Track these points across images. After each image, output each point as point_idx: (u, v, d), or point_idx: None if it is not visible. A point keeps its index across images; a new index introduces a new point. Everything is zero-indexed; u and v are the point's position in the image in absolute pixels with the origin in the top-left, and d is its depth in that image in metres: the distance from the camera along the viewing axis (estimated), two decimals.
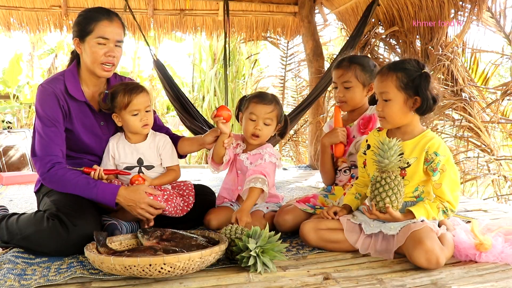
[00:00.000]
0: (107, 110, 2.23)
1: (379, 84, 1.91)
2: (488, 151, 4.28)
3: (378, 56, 5.13)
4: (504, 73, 7.71)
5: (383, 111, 1.90)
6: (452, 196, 1.84)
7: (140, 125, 2.21)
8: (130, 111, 2.18)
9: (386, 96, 1.88)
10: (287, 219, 2.20)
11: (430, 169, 1.84)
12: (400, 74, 1.86)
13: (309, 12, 5.49)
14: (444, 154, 1.85)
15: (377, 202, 1.82)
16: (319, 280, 1.61)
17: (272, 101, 2.35)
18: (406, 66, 1.88)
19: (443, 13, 4.27)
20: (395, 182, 1.79)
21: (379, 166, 1.83)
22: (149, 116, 2.23)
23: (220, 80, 9.03)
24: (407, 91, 1.86)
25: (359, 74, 2.30)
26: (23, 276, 1.68)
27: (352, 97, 2.33)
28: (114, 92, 2.19)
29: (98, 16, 2.14)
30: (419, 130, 1.93)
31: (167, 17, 5.63)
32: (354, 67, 2.31)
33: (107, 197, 2.05)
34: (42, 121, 2.12)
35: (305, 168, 5.58)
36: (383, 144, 1.79)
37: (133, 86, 2.22)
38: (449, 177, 1.83)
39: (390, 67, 1.90)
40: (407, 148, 1.89)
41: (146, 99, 2.21)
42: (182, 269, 1.57)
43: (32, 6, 5.19)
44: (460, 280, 1.58)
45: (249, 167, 2.35)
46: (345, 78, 2.32)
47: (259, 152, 2.37)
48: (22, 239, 1.97)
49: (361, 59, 2.36)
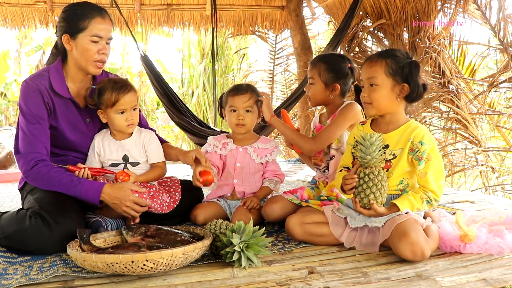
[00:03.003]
0: (93, 106, 2.20)
1: (367, 70, 1.90)
2: (476, 142, 4.31)
3: (366, 49, 5.14)
4: (492, 65, 7.76)
5: (369, 96, 1.89)
6: (437, 185, 1.84)
7: (125, 124, 2.19)
8: (117, 109, 2.15)
9: (374, 81, 1.88)
10: (274, 208, 2.20)
11: (416, 159, 1.84)
12: (389, 61, 1.87)
13: (297, 5, 5.48)
14: (430, 143, 1.84)
15: (361, 198, 1.81)
16: (304, 274, 1.61)
17: (247, 90, 2.39)
18: (396, 53, 1.90)
19: (430, 5, 4.28)
20: (379, 177, 1.79)
21: (361, 162, 1.82)
22: (135, 116, 2.21)
23: (209, 75, 9.00)
24: (395, 77, 1.86)
25: (323, 73, 2.29)
26: (4, 275, 1.65)
27: (313, 95, 2.34)
28: (101, 89, 2.16)
29: (91, 12, 2.10)
30: (404, 120, 1.93)
31: (154, 12, 5.59)
32: (319, 65, 2.30)
33: (91, 195, 2.03)
34: (26, 118, 2.08)
35: (295, 162, 5.57)
36: (365, 139, 1.79)
37: (121, 84, 2.18)
38: (434, 166, 1.84)
39: (380, 54, 1.91)
40: (392, 139, 1.89)
41: (133, 99, 2.19)
42: (165, 266, 1.56)
43: (16, 1, 5.12)
44: (444, 271, 1.58)
45: (256, 161, 2.39)
46: (310, 75, 2.33)
47: (266, 147, 2.41)
48: (4, 238, 1.94)
49: (329, 57, 2.36)
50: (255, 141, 2.44)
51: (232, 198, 2.42)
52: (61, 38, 2.14)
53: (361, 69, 1.96)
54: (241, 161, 2.40)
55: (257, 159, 2.39)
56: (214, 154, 2.44)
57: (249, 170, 2.40)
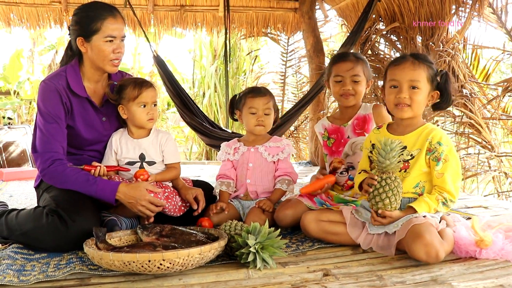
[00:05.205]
0: (114, 101, 2.23)
1: (409, 72, 1.89)
2: (489, 147, 4.27)
3: (378, 52, 5.11)
4: (506, 70, 7.69)
5: (411, 98, 1.89)
6: (454, 186, 1.84)
7: (146, 118, 2.22)
8: (139, 102, 2.19)
9: (417, 84, 1.89)
10: (287, 214, 2.19)
11: (434, 159, 1.85)
12: (427, 67, 1.91)
13: (310, 8, 5.47)
14: (447, 144, 1.86)
15: (376, 202, 1.81)
16: (319, 276, 1.61)
17: (266, 93, 2.43)
18: (430, 61, 1.94)
19: (444, 9, 4.25)
20: (395, 183, 1.79)
21: (379, 167, 1.82)
22: (155, 111, 2.26)
23: (221, 76, 9.00)
24: (432, 84, 1.92)
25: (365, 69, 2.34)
26: (22, 272, 1.67)
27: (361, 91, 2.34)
28: (123, 84, 2.22)
29: (102, 13, 2.12)
30: (421, 123, 1.95)
31: (167, 13, 5.61)
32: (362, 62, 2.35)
33: (106, 193, 2.04)
34: (44, 117, 2.11)
35: (306, 164, 5.57)
36: (385, 145, 1.78)
37: (143, 80, 2.28)
38: (451, 167, 1.84)
39: (420, 58, 1.92)
40: (409, 140, 1.91)
41: (154, 94, 2.25)
42: (181, 265, 1.57)
43: (32, 2, 5.18)
44: (460, 276, 1.58)
45: (268, 159, 2.40)
46: (354, 72, 2.32)
47: (278, 145, 2.42)
48: (21, 235, 1.97)
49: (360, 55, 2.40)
50: (266, 141, 2.45)
51: (246, 199, 2.43)
52: (75, 41, 2.17)
53: (396, 70, 1.93)
54: (253, 161, 2.41)
55: (269, 158, 2.40)
56: (228, 162, 2.47)
57: (262, 169, 2.41)
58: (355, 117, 2.36)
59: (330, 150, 2.43)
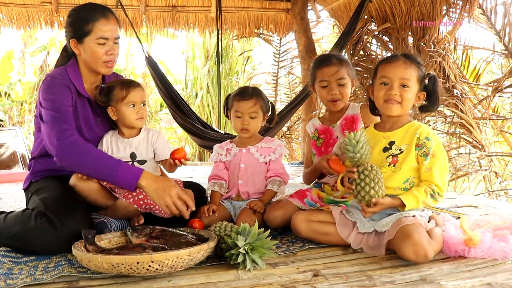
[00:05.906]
0: (102, 103, 2.23)
1: (401, 70, 1.91)
2: (480, 147, 4.30)
3: (370, 52, 5.14)
4: (496, 70, 7.75)
5: (401, 96, 1.91)
6: (441, 180, 1.86)
7: (135, 117, 2.22)
8: (128, 102, 2.19)
9: (408, 82, 1.91)
10: (276, 215, 2.18)
11: (423, 155, 1.87)
12: (418, 68, 1.94)
13: (302, 8, 5.48)
14: (435, 140, 1.89)
15: (363, 196, 1.82)
16: (309, 276, 1.61)
17: (252, 95, 2.37)
18: (420, 62, 1.97)
19: (435, 9, 4.28)
20: (373, 172, 1.80)
21: (352, 162, 1.84)
22: (144, 110, 2.26)
23: (213, 77, 9.00)
24: (420, 84, 1.95)
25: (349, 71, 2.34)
26: (9, 275, 1.65)
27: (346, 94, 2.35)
28: (110, 86, 2.22)
29: (94, 15, 2.12)
30: (407, 120, 1.99)
31: (159, 13, 5.61)
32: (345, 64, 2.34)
33: (127, 179, 1.94)
34: (52, 104, 2.04)
35: (298, 165, 5.57)
36: (350, 140, 1.81)
37: (130, 80, 2.29)
38: (439, 162, 1.87)
39: (411, 58, 1.95)
40: (397, 136, 1.94)
41: (142, 93, 2.25)
42: (170, 267, 1.56)
43: (22, 2, 5.14)
44: (449, 275, 1.58)
45: (260, 160, 2.39)
46: (339, 75, 2.32)
47: (269, 146, 2.42)
48: (9, 238, 1.95)
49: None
50: (258, 141, 2.45)
51: (237, 199, 2.42)
52: (69, 43, 2.17)
53: (388, 67, 1.94)
54: (245, 162, 2.41)
55: (261, 159, 2.39)
56: (220, 163, 2.47)
57: (254, 170, 2.40)
58: (343, 117, 2.38)
59: (319, 150, 2.44)
